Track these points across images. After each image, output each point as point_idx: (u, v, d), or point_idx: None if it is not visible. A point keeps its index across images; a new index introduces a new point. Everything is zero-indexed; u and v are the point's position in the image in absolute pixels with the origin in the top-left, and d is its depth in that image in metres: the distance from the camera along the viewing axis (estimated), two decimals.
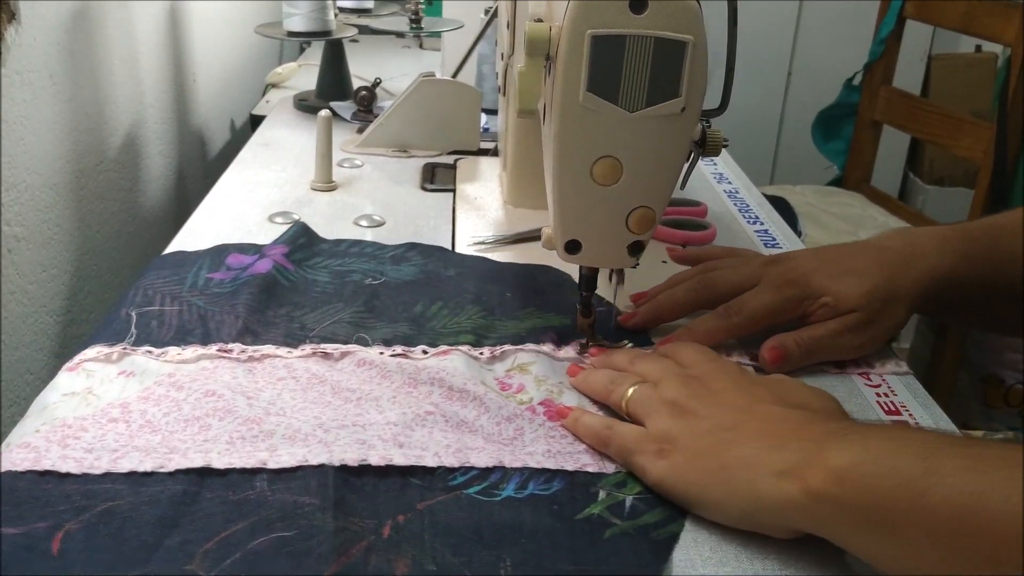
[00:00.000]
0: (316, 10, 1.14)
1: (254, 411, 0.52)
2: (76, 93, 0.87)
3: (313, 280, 0.69)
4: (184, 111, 1.24)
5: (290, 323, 0.63)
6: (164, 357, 0.57)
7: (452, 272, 0.71)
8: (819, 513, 0.42)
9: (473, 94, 1.03)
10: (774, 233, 0.89)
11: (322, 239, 0.77)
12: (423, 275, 0.71)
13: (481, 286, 0.69)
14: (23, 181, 0.77)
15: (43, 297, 0.82)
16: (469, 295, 0.68)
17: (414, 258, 0.74)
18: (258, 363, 0.57)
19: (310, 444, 0.49)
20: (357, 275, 0.70)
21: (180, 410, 0.52)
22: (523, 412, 0.54)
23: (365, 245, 0.76)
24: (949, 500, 0.37)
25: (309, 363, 0.57)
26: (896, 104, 1.81)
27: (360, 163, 1.00)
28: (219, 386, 0.54)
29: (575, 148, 0.54)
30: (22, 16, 0.75)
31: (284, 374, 0.56)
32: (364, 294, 0.67)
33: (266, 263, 0.69)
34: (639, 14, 0.49)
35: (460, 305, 0.66)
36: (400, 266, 0.72)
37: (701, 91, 0.52)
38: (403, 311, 0.65)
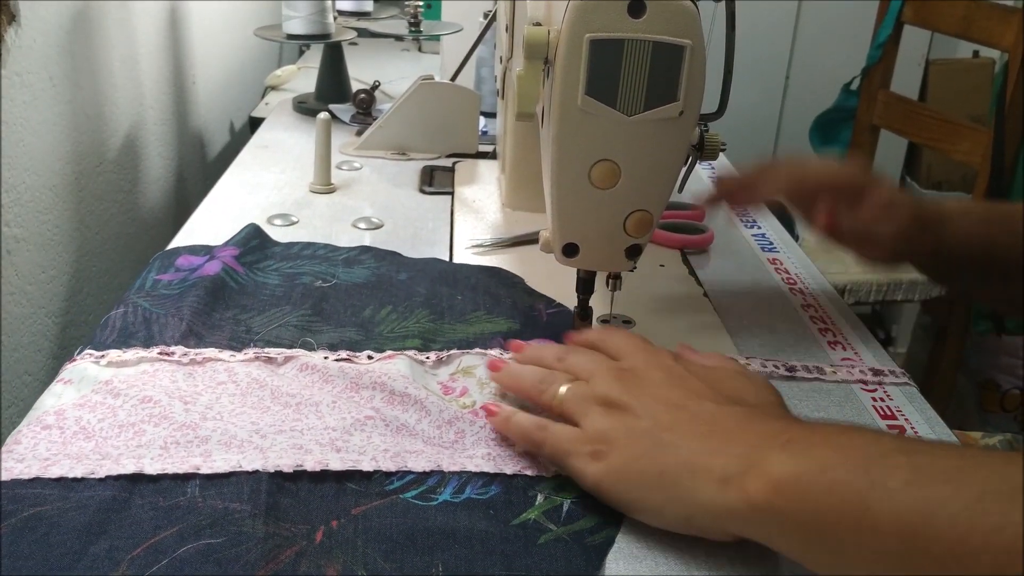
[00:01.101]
0: (315, 13, 1.14)
1: (190, 416, 0.51)
2: (76, 95, 0.88)
3: (263, 283, 0.68)
4: (183, 113, 1.24)
5: (236, 326, 0.61)
6: (104, 361, 0.56)
7: (404, 275, 0.71)
8: (759, 522, 0.41)
9: (472, 97, 1.03)
10: (771, 237, 0.90)
11: (275, 242, 0.75)
12: (375, 278, 0.70)
13: (432, 289, 0.69)
14: (23, 182, 0.78)
15: (42, 298, 0.82)
16: (419, 298, 0.67)
17: (367, 261, 0.73)
18: (199, 367, 0.56)
19: (245, 450, 0.48)
20: (307, 277, 0.69)
21: (115, 416, 0.51)
22: (465, 415, 0.54)
23: (318, 247, 0.75)
24: (894, 517, 0.36)
25: (251, 368, 0.56)
26: (894, 109, 1.82)
27: (359, 165, 1.01)
28: (156, 391, 0.53)
29: (573, 151, 0.54)
30: (22, 17, 0.75)
31: (224, 378, 0.55)
32: (313, 297, 0.66)
33: (215, 265, 0.68)
34: (637, 18, 0.50)
35: (410, 309, 0.66)
36: (352, 268, 0.71)
37: (699, 95, 0.52)
38: (352, 315, 0.64)
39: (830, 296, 0.77)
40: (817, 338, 0.69)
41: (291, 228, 0.82)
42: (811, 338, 0.69)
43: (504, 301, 0.68)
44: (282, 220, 0.84)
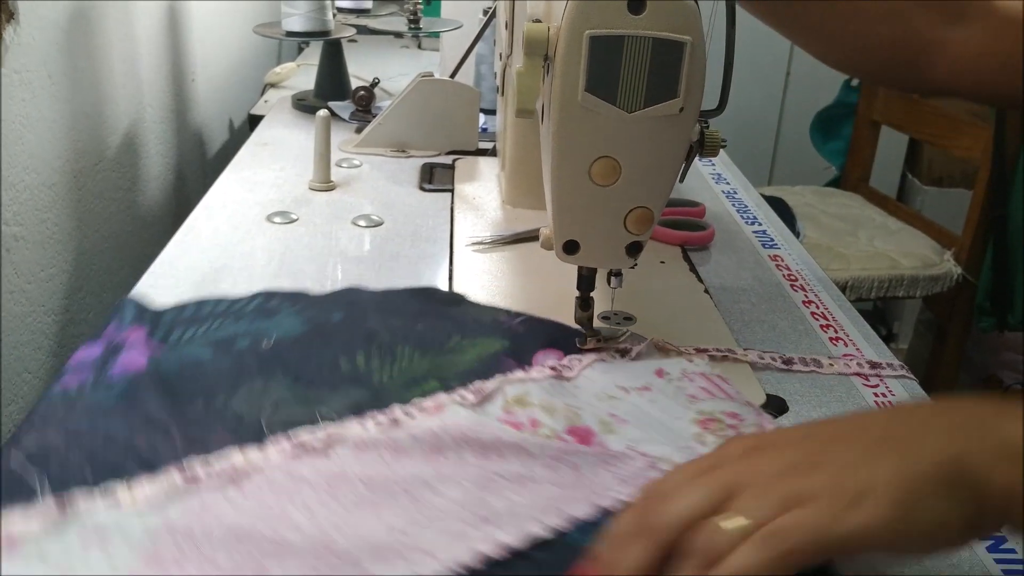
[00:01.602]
0: (315, 10, 1.14)
1: (305, 538, 0.43)
2: (75, 93, 0.87)
3: (198, 359, 0.57)
4: (183, 111, 1.24)
5: (222, 417, 0.52)
6: (112, 502, 0.44)
7: (338, 315, 0.64)
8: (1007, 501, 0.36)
9: (471, 94, 1.03)
10: (772, 233, 0.90)
11: (161, 310, 0.63)
12: (311, 326, 0.62)
13: (382, 323, 0.63)
14: (22, 181, 0.77)
15: (42, 297, 0.82)
16: (384, 337, 0.61)
17: (283, 307, 0.64)
18: (245, 479, 0.46)
19: (409, 556, 0.42)
20: (243, 339, 0.59)
21: (218, 566, 0.41)
22: (558, 445, 0.51)
23: (216, 304, 0.65)
24: None
25: (305, 464, 0.48)
26: (894, 104, 1.82)
27: (358, 163, 1.00)
28: (232, 523, 0.44)
29: (573, 148, 0.54)
30: (21, 15, 0.75)
31: (288, 483, 0.46)
32: (277, 362, 0.57)
33: (135, 356, 0.56)
34: (637, 14, 0.49)
35: (386, 350, 0.59)
36: (275, 319, 0.63)
37: (699, 91, 0.52)
38: (329, 372, 0.57)
39: (831, 293, 0.77)
40: (819, 334, 0.69)
41: (290, 226, 0.82)
42: (813, 334, 0.69)
43: (466, 319, 0.64)
44: (281, 218, 0.83)
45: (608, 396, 0.56)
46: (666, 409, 0.55)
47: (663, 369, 0.59)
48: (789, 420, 0.57)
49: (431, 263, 0.77)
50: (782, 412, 0.58)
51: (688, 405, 0.56)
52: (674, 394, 0.57)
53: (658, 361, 0.60)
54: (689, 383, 0.58)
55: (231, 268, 0.73)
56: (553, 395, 0.56)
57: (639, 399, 0.56)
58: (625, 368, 0.60)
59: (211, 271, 0.73)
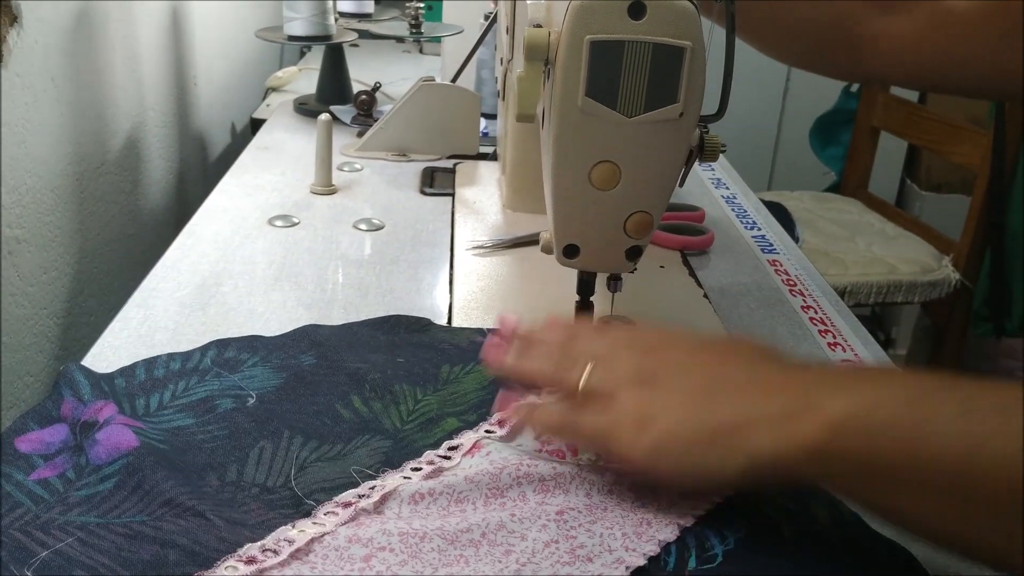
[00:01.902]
0: (316, 14, 1.14)
1: None
2: (77, 96, 0.88)
3: (179, 429, 0.51)
4: (185, 114, 1.24)
5: (246, 490, 0.47)
6: None
7: (308, 359, 0.59)
8: (817, 464, 0.41)
9: (472, 98, 1.04)
10: (771, 238, 0.90)
11: (110, 376, 0.56)
12: (287, 374, 0.57)
13: (364, 361, 0.59)
14: (24, 184, 0.78)
15: (44, 299, 0.82)
16: (372, 375, 0.57)
17: (244, 357, 0.59)
18: (310, 555, 0.43)
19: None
20: (223, 400, 0.54)
21: None
22: (607, 472, 0.50)
23: (168, 362, 0.58)
24: (946, 451, 0.37)
25: (365, 528, 0.45)
26: (894, 111, 1.82)
27: (360, 167, 1.01)
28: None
29: (574, 153, 0.54)
30: (24, 19, 0.75)
31: (361, 551, 0.43)
32: (272, 419, 0.53)
33: (120, 433, 0.49)
34: (637, 20, 0.50)
35: (383, 391, 0.56)
36: (243, 372, 0.57)
37: (699, 96, 0.52)
38: (334, 423, 0.53)
39: (830, 298, 0.77)
40: (817, 340, 0.69)
41: (292, 229, 0.83)
42: (811, 340, 0.69)
43: (444, 346, 0.62)
44: (283, 221, 0.84)
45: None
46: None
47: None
48: None
49: (432, 267, 0.77)
50: None
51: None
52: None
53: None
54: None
55: (232, 272, 0.74)
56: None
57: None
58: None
59: (212, 274, 0.73)
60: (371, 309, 0.69)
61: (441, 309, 0.70)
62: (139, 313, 0.66)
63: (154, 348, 0.62)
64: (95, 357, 0.60)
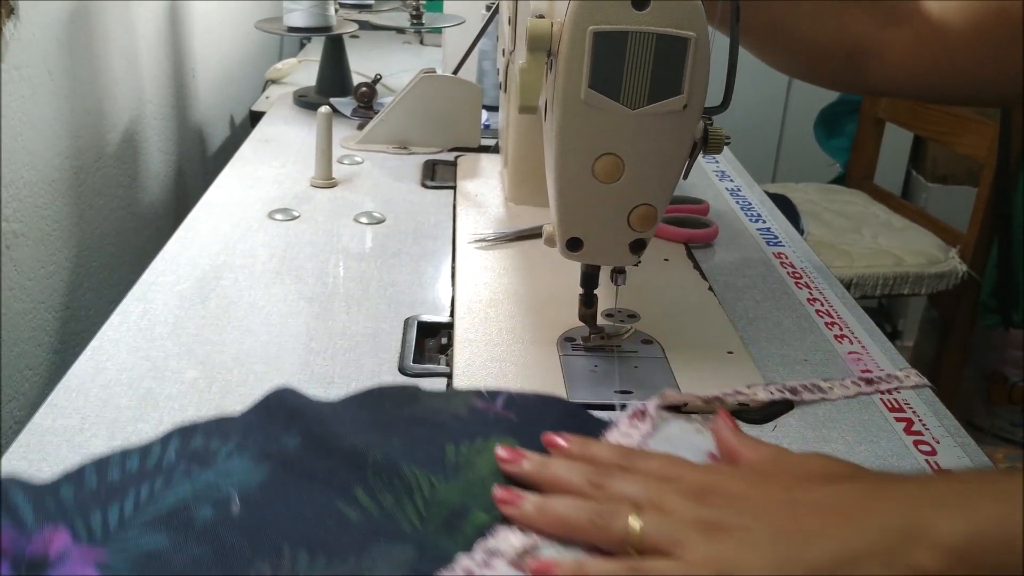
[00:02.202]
0: (316, 6, 1.13)
1: None
2: (75, 89, 0.87)
3: (151, 555, 0.41)
4: (184, 107, 1.23)
5: None
6: None
7: (293, 440, 0.49)
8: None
9: (474, 90, 1.03)
10: (776, 231, 0.89)
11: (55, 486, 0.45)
12: (270, 464, 0.47)
13: (359, 442, 0.48)
14: (22, 177, 0.77)
15: (42, 293, 0.82)
16: (376, 459, 0.47)
17: (214, 446, 0.49)
18: None
19: None
20: (200, 508, 0.44)
21: None
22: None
23: (123, 461, 0.47)
24: None
25: None
26: (899, 102, 1.81)
27: (360, 160, 1.00)
28: None
29: (576, 145, 0.54)
30: (21, 11, 0.75)
31: None
32: (265, 531, 0.43)
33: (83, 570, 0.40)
34: (641, 10, 0.49)
35: (389, 477, 0.47)
36: (218, 467, 0.47)
37: (703, 88, 0.52)
38: (339, 528, 0.44)
39: (836, 290, 0.76)
40: (823, 331, 0.68)
41: (292, 223, 0.82)
42: (817, 331, 0.68)
43: (443, 418, 0.52)
44: (283, 215, 0.83)
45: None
46: None
47: (715, 453, 0.51)
48: (793, 418, 0.57)
49: (433, 260, 0.77)
50: (788, 409, 0.57)
51: None
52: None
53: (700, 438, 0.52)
54: None
55: (232, 265, 0.73)
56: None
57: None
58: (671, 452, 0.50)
59: (212, 268, 0.72)
60: (373, 302, 0.68)
61: (444, 302, 0.69)
62: (138, 307, 0.66)
63: (154, 341, 0.61)
64: (94, 351, 0.60)
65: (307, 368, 0.60)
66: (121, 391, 0.56)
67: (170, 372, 0.58)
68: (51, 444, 0.50)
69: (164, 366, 0.59)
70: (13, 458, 0.49)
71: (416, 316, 0.67)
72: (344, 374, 0.59)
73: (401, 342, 0.63)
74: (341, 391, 0.57)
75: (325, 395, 0.56)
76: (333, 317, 0.66)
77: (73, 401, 0.54)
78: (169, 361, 0.59)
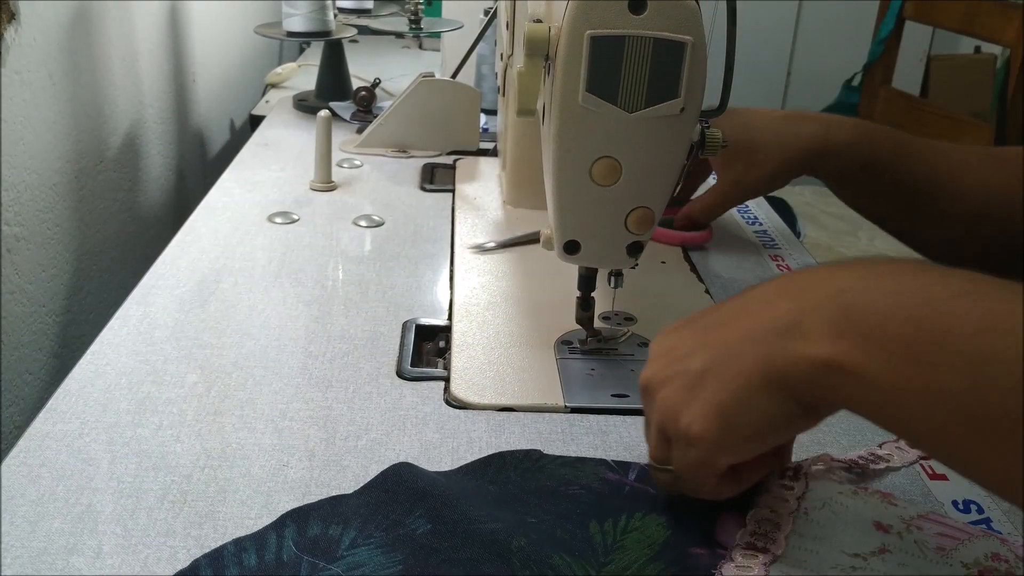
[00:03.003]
0: (316, 10, 1.14)
1: None
2: (76, 93, 0.87)
3: None
4: (184, 111, 1.24)
5: None
6: None
7: (423, 524, 0.45)
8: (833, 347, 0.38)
9: (472, 94, 1.03)
10: (773, 234, 0.89)
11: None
12: (402, 554, 0.44)
13: (496, 519, 0.46)
14: (22, 181, 0.77)
15: (42, 297, 0.82)
16: (520, 546, 0.44)
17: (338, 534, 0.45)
18: None
19: None
20: None
21: None
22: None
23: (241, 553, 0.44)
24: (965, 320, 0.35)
25: None
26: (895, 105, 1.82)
27: (359, 163, 1.00)
28: None
29: (574, 148, 0.54)
30: (22, 16, 0.75)
31: None
32: None
33: None
34: (638, 15, 0.49)
35: (539, 567, 0.43)
36: (346, 558, 0.43)
37: (700, 92, 0.52)
38: None
39: None
40: None
41: (291, 226, 0.82)
42: None
43: (575, 490, 0.50)
44: (282, 218, 0.83)
45: (851, 568, 0.45)
46: (923, 570, 0.45)
47: (881, 522, 0.47)
48: None
49: (432, 263, 0.77)
50: None
51: (944, 561, 0.46)
52: (919, 551, 0.46)
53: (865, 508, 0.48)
54: (919, 531, 0.47)
55: (232, 268, 0.73)
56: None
57: (884, 565, 0.45)
58: (838, 529, 0.47)
59: (212, 271, 0.73)
60: (371, 305, 0.69)
61: (442, 305, 0.70)
62: (138, 310, 0.66)
63: (153, 345, 0.61)
64: (94, 355, 0.60)
65: (306, 371, 0.60)
66: (121, 395, 0.56)
67: (169, 376, 0.58)
68: (51, 449, 0.51)
69: (163, 370, 0.59)
70: (13, 463, 0.49)
71: (414, 319, 0.67)
72: (342, 377, 0.59)
73: (399, 345, 0.64)
74: (340, 394, 0.57)
75: (323, 398, 0.57)
76: (332, 320, 0.66)
77: (73, 406, 0.55)
78: (168, 365, 0.59)
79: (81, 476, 0.49)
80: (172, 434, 0.53)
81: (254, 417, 0.55)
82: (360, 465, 0.51)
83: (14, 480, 0.48)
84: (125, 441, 0.52)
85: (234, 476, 0.49)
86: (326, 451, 0.52)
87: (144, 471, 0.49)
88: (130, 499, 0.47)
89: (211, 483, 0.49)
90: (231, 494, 0.48)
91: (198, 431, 0.53)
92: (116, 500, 0.47)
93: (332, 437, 0.53)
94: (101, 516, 0.46)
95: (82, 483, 0.48)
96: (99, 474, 0.49)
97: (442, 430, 0.55)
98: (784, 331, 0.40)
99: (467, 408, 0.57)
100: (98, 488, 0.48)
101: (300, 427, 0.54)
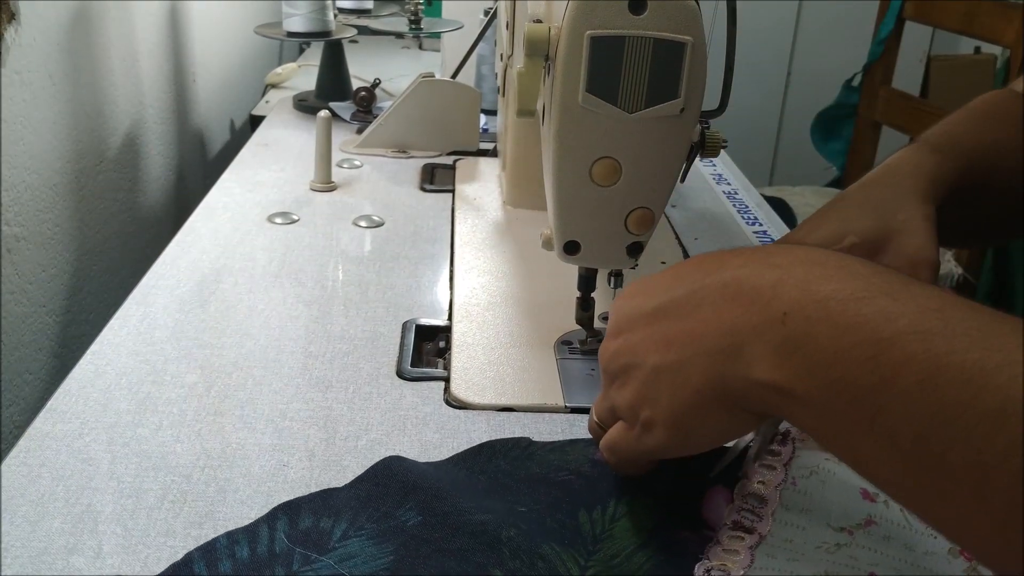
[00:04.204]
0: (316, 11, 1.14)
1: None
2: (76, 93, 0.87)
3: None
4: (184, 111, 1.24)
5: None
6: None
7: (413, 516, 0.46)
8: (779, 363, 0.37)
9: (472, 95, 1.03)
10: (773, 234, 0.89)
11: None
12: (393, 544, 0.44)
13: (487, 510, 0.46)
14: (23, 181, 0.77)
15: (43, 297, 0.82)
16: (510, 537, 0.44)
17: (329, 527, 0.45)
18: None
19: None
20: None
21: None
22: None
23: (233, 546, 0.44)
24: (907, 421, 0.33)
25: None
26: (895, 105, 1.81)
27: (359, 163, 1.00)
28: None
29: (574, 149, 0.54)
30: (22, 16, 0.75)
31: None
32: None
33: None
34: (638, 15, 0.49)
35: (529, 558, 0.43)
36: (338, 549, 0.44)
37: (700, 92, 0.52)
38: None
39: None
40: None
41: (291, 226, 0.82)
42: None
43: (564, 476, 0.50)
44: (282, 218, 0.83)
45: (836, 546, 0.44)
46: (908, 541, 0.45)
47: (868, 490, 0.47)
48: None
49: (432, 264, 0.77)
50: None
51: (929, 531, 0.45)
52: (904, 520, 0.46)
53: (852, 475, 0.46)
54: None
55: (232, 269, 0.73)
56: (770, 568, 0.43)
57: (869, 539, 0.44)
58: (825, 498, 0.46)
59: (212, 271, 0.73)
60: (371, 306, 0.69)
61: (442, 306, 0.70)
62: (138, 310, 0.66)
63: (153, 345, 0.61)
64: (94, 355, 0.60)
65: (306, 372, 0.60)
66: (121, 395, 0.56)
67: (169, 376, 0.58)
68: (51, 449, 0.51)
69: (163, 370, 0.59)
70: (13, 463, 0.49)
71: (414, 319, 0.67)
72: (342, 378, 0.59)
73: (399, 345, 0.64)
74: (340, 395, 0.57)
75: (323, 398, 0.57)
76: (332, 320, 0.66)
77: (73, 406, 0.55)
78: (168, 365, 0.59)
79: (81, 476, 0.49)
80: (172, 434, 0.53)
81: (254, 417, 0.55)
82: (360, 465, 0.51)
83: (14, 480, 0.48)
84: (125, 441, 0.52)
85: (234, 476, 0.49)
86: (326, 451, 0.52)
87: (144, 471, 0.49)
88: (130, 499, 0.47)
89: (211, 483, 0.49)
90: (231, 494, 0.48)
91: (198, 431, 0.53)
92: (116, 500, 0.47)
93: (332, 437, 0.53)
94: (101, 516, 0.46)
95: (82, 483, 0.48)
96: (99, 474, 0.49)
97: (442, 430, 0.55)
98: (731, 352, 0.39)
99: (467, 408, 0.57)
100: (98, 488, 0.48)
101: (300, 427, 0.54)
